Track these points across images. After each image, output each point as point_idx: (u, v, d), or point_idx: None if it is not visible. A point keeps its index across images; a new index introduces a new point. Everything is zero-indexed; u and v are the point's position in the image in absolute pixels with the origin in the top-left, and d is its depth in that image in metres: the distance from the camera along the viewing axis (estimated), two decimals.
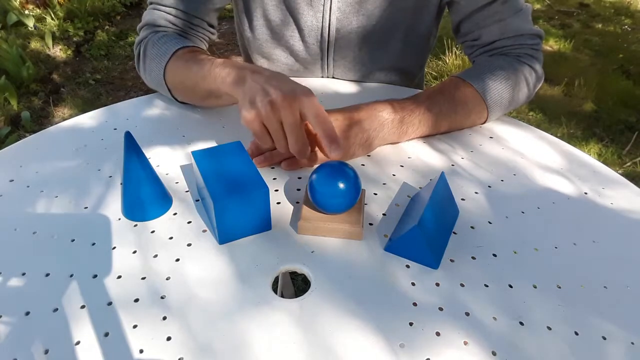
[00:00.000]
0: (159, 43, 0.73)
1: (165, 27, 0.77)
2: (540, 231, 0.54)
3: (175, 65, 0.71)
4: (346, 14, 0.78)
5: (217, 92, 0.64)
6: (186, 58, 0.70)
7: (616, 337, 0.43)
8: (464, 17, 0.77)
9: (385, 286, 0.47)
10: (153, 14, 0.77)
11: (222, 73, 0.61)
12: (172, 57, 0.71)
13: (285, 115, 0.54)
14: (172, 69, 0.71)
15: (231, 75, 0.60)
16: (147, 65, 0.75)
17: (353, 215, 0.52)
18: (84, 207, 0.56)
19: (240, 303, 0.45)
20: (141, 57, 0.77)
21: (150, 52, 0.74)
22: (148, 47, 0.75)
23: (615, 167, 1.93)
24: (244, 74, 0.59)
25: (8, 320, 0.43)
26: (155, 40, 0.74)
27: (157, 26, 0.77)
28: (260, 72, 0.58)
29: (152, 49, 0.74)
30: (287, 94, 0.54)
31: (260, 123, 0.56)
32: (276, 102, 0.54)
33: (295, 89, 0.55)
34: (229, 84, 0.60)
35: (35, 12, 3.01)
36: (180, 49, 0.72)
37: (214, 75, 0.62)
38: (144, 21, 0.78)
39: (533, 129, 0.73)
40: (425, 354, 0.41)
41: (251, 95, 0.55)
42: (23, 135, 2.05)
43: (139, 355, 0.40)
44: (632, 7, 3.60)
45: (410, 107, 0.65)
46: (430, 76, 2.51)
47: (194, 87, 0.68)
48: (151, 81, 0.76)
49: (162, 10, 0.77)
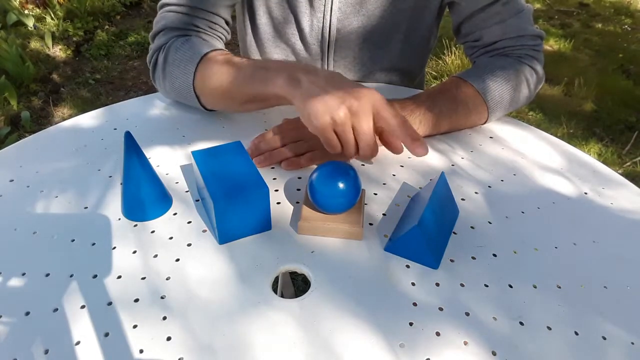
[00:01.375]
0: (183, 48, 0.68)
1: (184, 30, 0.72)
2: (540, 231, 0.54)
3: (206, 70, 0.66)
4: (347, 14, 0.78)
5: (263, 96, 0.61)
6: (219, 61, 0.65)
7: (616, 337, 0.43)
8: (464, 17, 0.77)
9: (385, 286, 0.47)
10: (168, 17, 0.72)
11: (269, 75, 0.58)
12: (201, 61, 0.67)
13: (360, 122, 0.52)
14: (203, 74, 0.66)
15: (282, 76, 0.57)
16: (169, 72, 0.69)
17: (353, 215, 0.52)
18: (84, 207, 0.56)
19: (241, 303, 0.45)
20: (159, 64, 0.71)
21: (172, 57, 0.69)
22: (170, 53, 0.69)
23: (615, 167, 1.93)
24: (296, 75, 0.56)
25: (8, 320, 0.43)
26: (179, 45, 0.69)
27: (175, 29, 0.72)
28: (316, 72, 0.56)
29: (175, 54, 0.69)
30: (362, 100, 0.52)
31: (333, 130, 0.54)
32: (352, 108, 0.52)
33: (365, 93, 0.53)
34: (281, 85, 0.57)
35: (35, 12, 3.01)
36: (209, 52, 0.67)
37: (260, 77, 0.60)
38: (158, 27, 0.73)
39: (533, 129, 0.73)
40: (425, 354, 0.41)
41: (319, 101, 0.52)
42: (23, 135, 2.05)
43: (139, 355, 0.40)
44: (632, 7, 3.60)
45: (411, 107, 0.65)
46: (430, 76, 2.51)
47: (232, 91, 0.64)
48: (173, 90, 0.71)
49: (177, 11, 0.72)
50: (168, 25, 0.72)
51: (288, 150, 0.62)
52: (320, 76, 0.56)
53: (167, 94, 0.74)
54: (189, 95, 0.69)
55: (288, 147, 0.62)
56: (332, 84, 0.54)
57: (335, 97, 0.52)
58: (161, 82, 0.72)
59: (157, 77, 0.73)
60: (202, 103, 0.70)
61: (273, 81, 0.58)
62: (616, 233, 0.54)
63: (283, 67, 0.59)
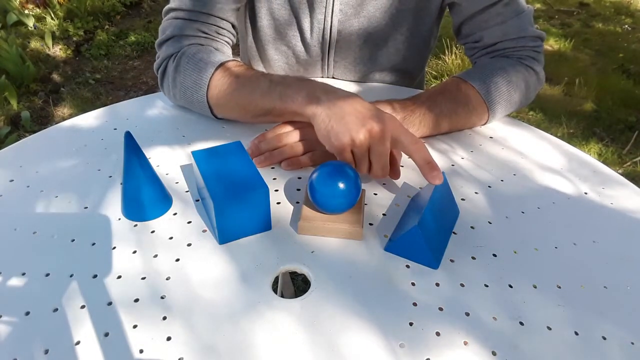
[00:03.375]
0: (196, 57, 0.68)
1: (193, 37, 0.71)
2: (540, 231, 0.54)
3: (221, 81, 0.66)
4: (348, 15, 0.78)
5: (278, 111, 0.62)
6: (235, 73, 0.66)
7: (616, 337, 0.43)
8: (465, 18, 0.76)
9: (385, 286, 0.47)
10: (175, 25, 0.71)
11: (288, 91, 0.60)
12: (216, 71, 0.66)
13: (377, 144, 0.54)
14: (217, 85, 0.66)
15: (301, 94, 0.58)
16: (181, 81, 0.69)
17: (353, 215, 0.52)
18: (84, 207, 0.56)
19: (241, 303, 0.45)
20: (169, 73, 0.70)
21: (185, 67, 0.68)
22: (182, 62, 0.68)
23: (615, 167, 1.93)
24: (316, 94, 0.57)
25: (8, 320, 0.43)
26: (191, 54, 0.68)
27: (184, 36, 0.71)
28: (335, 92, 0.58)
29: (187, 63, 0.68)
30: (383, 124, 0.54)
31: (350, 151, 0.55)
32: (373, 131, 0.53)
33: (387, 118, 0.55)
34: (300, 103, 0.58)
35: (35, 12, 3.01)
36: (224, 63, 0.67)
37: (278, 93, 0.61)
38: (165, 35, 0.72)
39: (533, 129, 0.73)
40: (425, 354, 0.41)
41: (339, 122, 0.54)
42: (23, 135, 2.05)
43: (139, 355, 0.40)
44: (632, 7, 3.60)
45: (411, 107, 0.65)
46: (430, 76, 2.51)
47: (247, 104, 0.65)
48: (184, 98, 0.70)
49: (184, 17, 0.71)
50: (176, 33, 0.71)
51: (288, 150, 0.62)
52: (341, 96, 0.57)
53: (176, 101, 0.73)
54: (202, 105, 0.69)
55: (288, 147, 0.63)
56: (352, 105, 0.55)
57: (357, 119, 0.54)
58: (170, 90, 0.72)
59: (165, 85, 0.73)
60: (214, 113, 0.70)
61: (292, 98, 0.59)
62: (616, 233, 0.54)
63: (302, 85, 0.60)
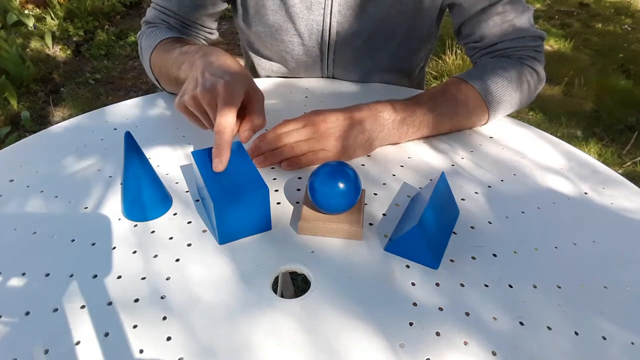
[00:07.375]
0: (150, 36, 0.77)
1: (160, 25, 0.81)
2: (540, 231, 0.54)
3: (157, 55, 0.74)
4: (347, 17, 0.78)
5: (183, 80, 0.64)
6: (167, 47, 0.72)
7: (616, 337, 0.43)
8: (465, 19, 0.76)
9: (385, 286, 0.47)
10: (152, 12, 0.82)
11: (183, 59, 0.64)
12: (156, 47, 0.74)
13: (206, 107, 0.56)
14: (154, 59, 0.75)
15: (189, 63, 0.62)
16: (142, 58, 0.80)
17: (353, 215, 0.52)
18: (84, 207, 0.56)
19: (240, 303, 0.45)
20: (139, 51, 0.82)
21: (142, 44, 0.79)
22: (142, 40, 0.79)
23: (615, 167, 1.93)
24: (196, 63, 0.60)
25: (8, 320, 0.43)
26: (148, 33, 0.78)
27: (153, 24, 0.81)
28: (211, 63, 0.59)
29: (144, 41, 0.78)
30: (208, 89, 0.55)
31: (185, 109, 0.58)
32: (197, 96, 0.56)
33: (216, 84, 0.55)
34: (184, 70, 0.63)
35: (35, 12, 3.01)
36: (164, 39, 0.75)
37: (178, 62, 0.65)
38: (145, 18, 0.83)
39: (533, 129, 0.73)
40: (425, 354, 0.41)
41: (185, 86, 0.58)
42: (23, 135, 2.05)
43: (139, 355, 0.40)
44: (632, 7, 3.60)
45: (412, 107, 0.65)
46: (430, 76, 2.51)
47: (169, 74, 0.71)
48: (148, 74, 0.79)
49: (159, 9, 0.81)
50: (148, 19, 0.82)
51: (288, 150, 0.62)
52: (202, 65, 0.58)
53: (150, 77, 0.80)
54: (155, 80, 0.78)
55: (288, 147, 0.62)
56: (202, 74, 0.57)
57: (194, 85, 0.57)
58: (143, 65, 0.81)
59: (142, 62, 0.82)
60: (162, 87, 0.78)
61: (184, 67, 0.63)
62: (616, 233, 0.54)
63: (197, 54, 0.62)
